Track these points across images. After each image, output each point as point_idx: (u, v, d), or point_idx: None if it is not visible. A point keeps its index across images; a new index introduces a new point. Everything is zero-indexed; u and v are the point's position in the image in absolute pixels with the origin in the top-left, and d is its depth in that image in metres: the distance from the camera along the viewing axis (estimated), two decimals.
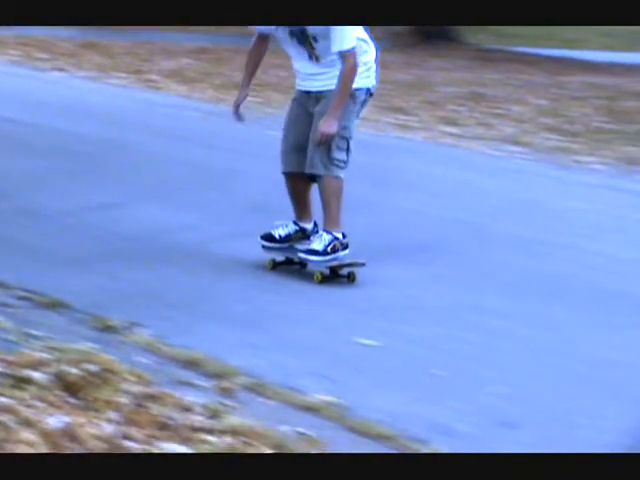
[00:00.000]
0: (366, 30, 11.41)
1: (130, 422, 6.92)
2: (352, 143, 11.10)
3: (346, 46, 10.62)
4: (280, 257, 11.07)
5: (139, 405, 7.24)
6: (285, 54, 11.46)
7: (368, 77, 11.22)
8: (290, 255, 11.19)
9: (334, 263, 10.85)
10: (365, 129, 20.68)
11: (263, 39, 11.38)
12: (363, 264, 10.83)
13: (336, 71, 10.89)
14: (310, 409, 7.79)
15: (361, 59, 10.99)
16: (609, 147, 20.70)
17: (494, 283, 11.56)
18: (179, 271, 11.47)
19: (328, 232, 10.78)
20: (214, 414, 7.23)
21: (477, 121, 23.17)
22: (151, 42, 33.68)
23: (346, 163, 10.84)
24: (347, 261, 10.90)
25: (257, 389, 8.09)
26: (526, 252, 13.00)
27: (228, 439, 6.72)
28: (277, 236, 11.01)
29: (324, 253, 10.69)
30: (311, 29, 10.80)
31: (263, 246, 11.19)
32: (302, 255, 10.86)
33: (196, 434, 6.81)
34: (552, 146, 20.66)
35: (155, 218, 13.60)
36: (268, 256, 11.70)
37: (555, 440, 7.71)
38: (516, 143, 20.94)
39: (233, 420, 7.08)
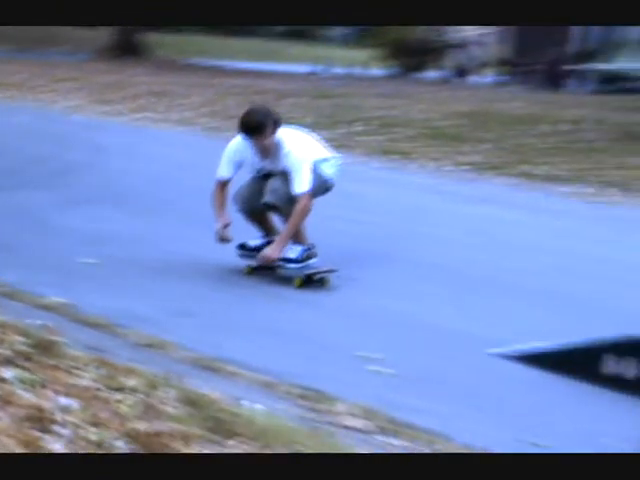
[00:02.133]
0: None
1: None
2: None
3: (301, 190, 9.16)
4: (255, 263, 9.46)
5: None
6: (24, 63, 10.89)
7: (332, 170, 9.56)
8: None
9: (311, 270, 9.27)
10: (81, 117, 20.56)
11: (225, 184, 9.56)
12: (335, 270, 9.33)
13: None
14: (48, 308, 7.68)
15: (329, 165, 9.51)
16: None
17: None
18: None
19: (299, 244, 9.34)
20: None
21: (161, 109, 23.19)
22: None
23: None
24: (324, 269, 9.32)
25: (10, 295, 7.97)
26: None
27: None
28: (252, 246, 9.49)
29: (299, 261, 9.26)
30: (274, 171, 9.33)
31: (240, 254, 9.61)
32: (280, 263, 9.32)
33: None
34: (212, 126, 20.67)
35: None
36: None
37: (216, 326, 7.74)
38: (187, 124, 20.95)
39: None
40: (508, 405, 6.61)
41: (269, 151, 9.16)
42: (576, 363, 7.08)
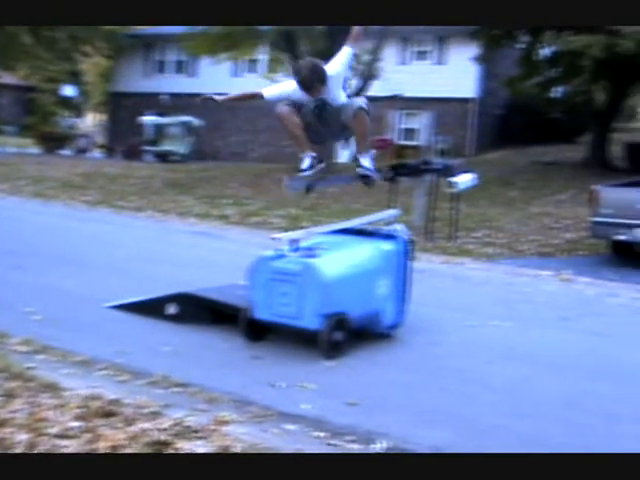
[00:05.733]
0: None
1: None
2: None
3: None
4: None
5: None
6: None
7: None
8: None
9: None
10: None
11: (258, 97, 6.30)
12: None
13: None
14: None
15: None
16: None
17: None
18: None
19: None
20: None
21: None
22: None
23: None
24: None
25: None
26: None
27: None
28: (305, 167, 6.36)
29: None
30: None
31: (295, 185, 6.60)
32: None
33: None
34: None
35: None
36: None
37: None
38: None
39: None
40: (111, 332, 6.48)
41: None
42: (153, 308, 6.98)
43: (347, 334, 6.08)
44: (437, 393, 5.34)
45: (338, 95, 6.21)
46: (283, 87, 6.35)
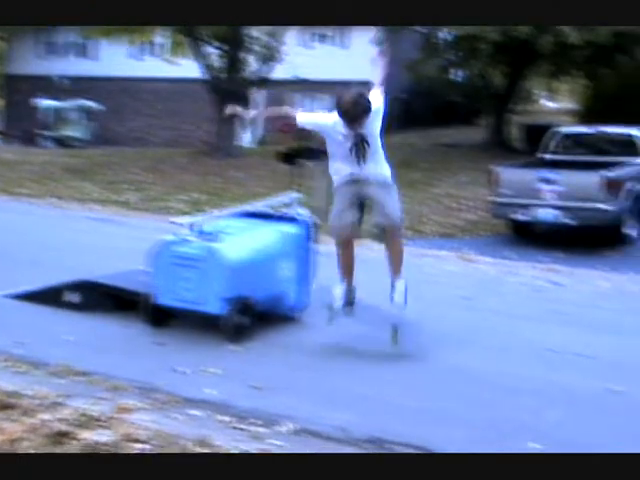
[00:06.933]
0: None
1: None
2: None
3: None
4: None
5: None
6: None
7: None
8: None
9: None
10: None
11: (293, 123, 5.86)
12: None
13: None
14: None
15: None
16: None
17: None
18: None
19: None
20: None
21: None
22: None
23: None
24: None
25: None
26: None
27: None
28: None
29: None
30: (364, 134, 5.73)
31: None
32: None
33: None
34: None
35: None
36: None
37: None
38: None
39: None
40: (8, 322, 6.26)
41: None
42: (52, 297, 6.76)
43: (252, 318, 6.07)
44: (341, 375, 5.39)
45: (376, 134, 5.89)
46: (322, 118, 5.91)
